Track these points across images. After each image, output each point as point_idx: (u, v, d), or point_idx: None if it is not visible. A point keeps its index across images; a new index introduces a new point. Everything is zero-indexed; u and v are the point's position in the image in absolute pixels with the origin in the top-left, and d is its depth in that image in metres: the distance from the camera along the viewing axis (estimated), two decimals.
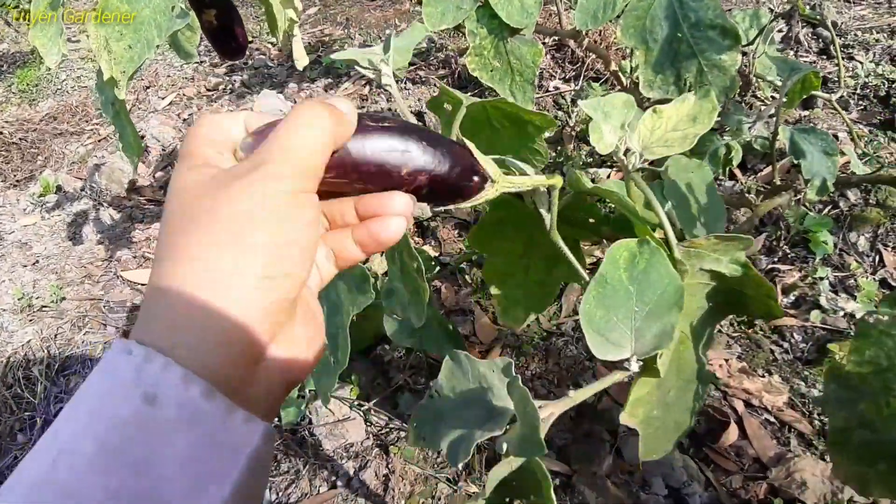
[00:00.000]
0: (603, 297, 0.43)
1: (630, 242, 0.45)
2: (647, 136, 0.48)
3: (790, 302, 1.27)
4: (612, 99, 0.49)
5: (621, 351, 0.43)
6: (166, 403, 0.24)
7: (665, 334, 0.42)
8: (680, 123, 0.48)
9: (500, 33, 0.89)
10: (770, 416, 1.08)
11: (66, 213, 1.87)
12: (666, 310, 0.42)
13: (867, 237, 1.34)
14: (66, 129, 2.40)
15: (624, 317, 0.43)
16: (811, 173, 0.92)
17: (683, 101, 0.49)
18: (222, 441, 0.25)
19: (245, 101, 2.12)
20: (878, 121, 1.58)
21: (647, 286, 0.43)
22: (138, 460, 0.23)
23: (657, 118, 0.48)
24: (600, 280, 0.44)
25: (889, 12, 1.97)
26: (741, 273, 0.48)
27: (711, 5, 0.90)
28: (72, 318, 1.42)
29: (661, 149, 0.48)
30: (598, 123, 0.47)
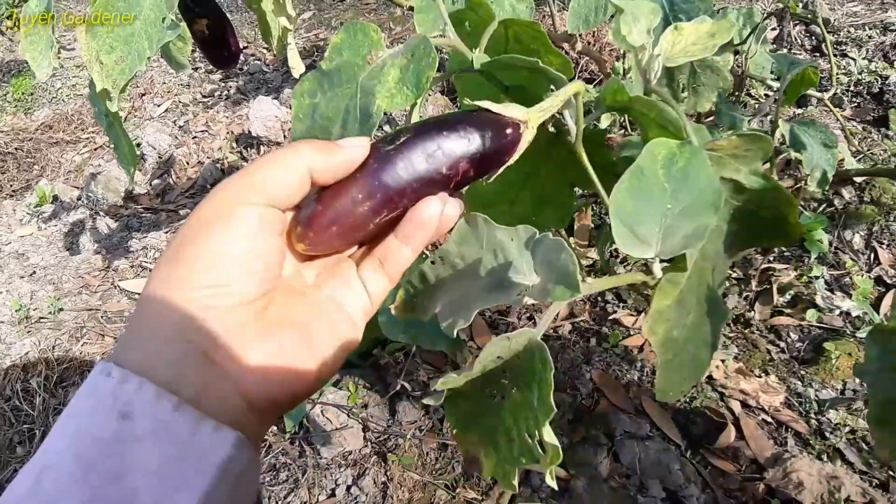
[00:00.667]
0: (637, 190, 0.41)
1: (669, 141, 0.43)
2: (669, 48, 0.50)
3: (786, 301, 1.27)
4: (639, 3, 0.50)
5: (647, 249, 0.41)
6: (140, 419, 0.26)
7: (697, 234, 0.40)
8: (699, 39, 0.50)
9: None
10: (767, 416, 1.09)
11: (62, 223, 1.87)
12: (702, 209, 0.41)
13: (862, 235, 1.34)
14: (62, 138, 2.40)
15: (655, 212, 0.41)
16: (811, 165, 0.92)
17: (702, 21, 0.50)
18: (191, 451, 0.26)
19: (241, 107, 2.12)
20: (872, 118, 1.58)
21: (683, 185, 0.42)
22: (112, 472, 0.25)
23: (678, 34, 0.50)
24: (636, 171, 0.42)
25: (881, 8, 1.97)
26: (760, 185, 0.47)
27: (702, 6, 0.90)
28: (70, 330, 1.42)
29: (681, 58, 0.50)
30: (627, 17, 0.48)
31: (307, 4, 2.68)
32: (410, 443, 1.07)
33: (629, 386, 1.13)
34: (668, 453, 1.00)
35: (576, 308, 1.21)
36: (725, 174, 0.48)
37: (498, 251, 0.38)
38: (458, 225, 0.41)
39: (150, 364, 0.28)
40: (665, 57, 0.51)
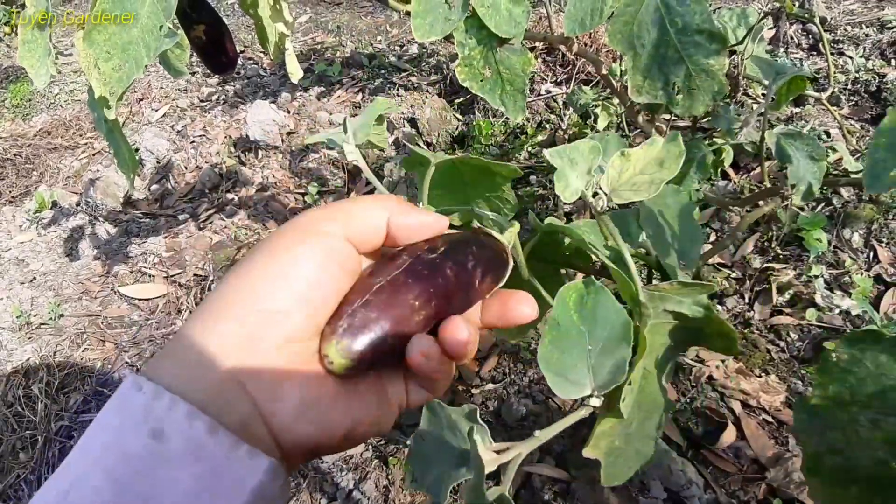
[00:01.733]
0: (557, 340, 0.44)
1: (578, 284, 0.46)
2: (616, 178, 0.49)
3: (785, 301, 1.27)
4: (578, 146, 0.50)
5: (582, 389, 0.44)
6: (173, 438, 0.25)
7: (619, 368, 0.43)
8: (647, 167, 0.49)
9: (489, 43, 0.89)
10: (768, 416, 1.09)
11: (62, 229, 1.87)
12: (616, 344, 0.44)
13: (861, 234, 1.35)
14: (61, 144, 2.40)
15: (579, 356, 0.44)
16: (797, 178, 0.92)
17: (652, 143, 0.50)
18: (225, 475, 0.26)
19: (239, 111, 2.12)
20: (870, 116, 1.59)
21: (596, 324, 0.45)
22: (145, 493, 0.24)
23: (625, 161, 0.49)
24: (552, 323, 0.45)
25: (878, 6, 1.97)
26: (703, 315, 0.50)
27: (698, 10, 0.90)
28: (70, 335, 1.42)
29: (628, 192, 0.49)
30: (563, 171, 0.48)
31: (304, 8, 2.68)
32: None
33: None
34: (669, 454, 1.00)
35: None
36: (668, 307, 0.50)
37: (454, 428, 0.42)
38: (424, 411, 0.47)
39: (184, 382, 0.27)
40: (611, 189, 0.50)
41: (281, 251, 0.29)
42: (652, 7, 0.91)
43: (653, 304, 0.49)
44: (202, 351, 0.27)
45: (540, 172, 1.52)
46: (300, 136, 1.86)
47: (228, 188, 1.84)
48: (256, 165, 1.85)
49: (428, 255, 0.33)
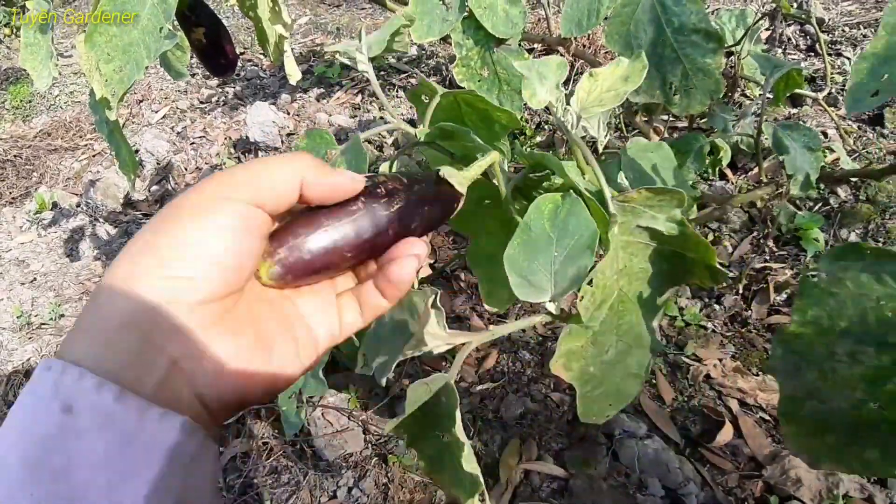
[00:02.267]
0: (526, 244, 0.45)
1: (555, 195, 0.47)
2: (585, 98, 0.51)
3: (783, 300, 1.28)
4: (546, 61, 0.52)
5: (542, 294, 0.44)
6: (82, 411, 0.25)
7: (579, 276, 0.43)
8: (614, 84, 0.51)
9: (486, 44, 0.90)
10: (765, 414, 1.09)
11: (62, 230, 1.88)
12: (581, 252, 0.44)
13: (858, 233, 1.35)
14: (61, 145, 2.41)
15: (544, 261, 0.45)
16: (794, 168, 0.93)
17: (618, 64, 0.51)
18: (137, 439, 0.26)
19: (238, 113, 2.13)
20: (867, 116, 1.59)
21: (566, 233, 0.45)
22: (59, 468, 0.25)
23: (593, 81, 0.50)
24: (524, 227, 0.46)
25: (876, 7, 1.98)
26: (678, 231, 0.49)
27: (694, 10, 0.91)
28: None
29: (595, 108, 0.51)
30: (531, 81, 0.50)
31: (303, 10, 2.69)
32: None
33: None
34: (667, 452, 1.00)
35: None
36: (642, 223, 0.50)
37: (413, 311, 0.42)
38: None
39: (95, 355, 0.27)
40: (580, 108, 0.51)
41: (186, 219, 0.29)
42: (648, 7, 0.92)
43: (623, 216, 0.49)
44: (112, 320, 0.27)
45: None
46: (299, 137, 1.87)
47: None
48: None
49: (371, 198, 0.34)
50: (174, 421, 0.27)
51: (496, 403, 1.14)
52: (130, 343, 0.27)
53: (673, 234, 0.49)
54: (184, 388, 0.28)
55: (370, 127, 1.80)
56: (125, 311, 0.27)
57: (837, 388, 0.37)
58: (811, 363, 0.38)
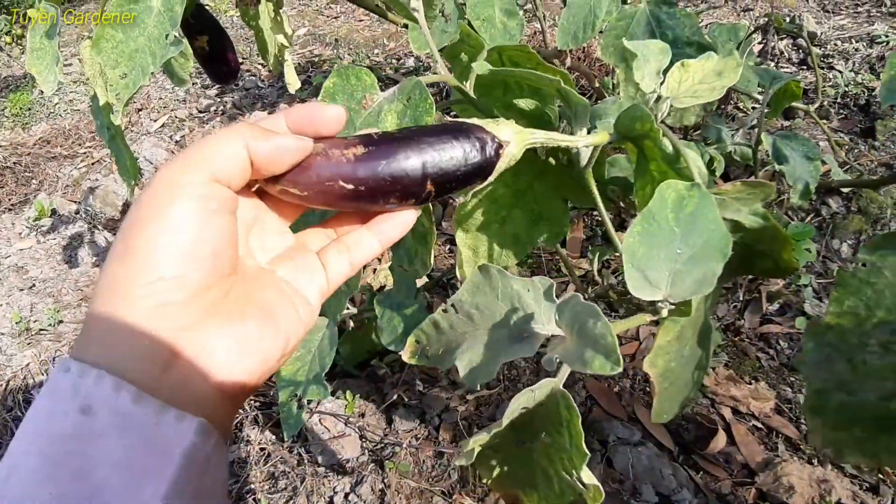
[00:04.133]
0: (648, 234, 0.42)
1: (678, 184, 0.44)
2: (676, 87, 0.50)
3: (775, 309, 1.29)
4: (649, 44, 0.52)
5: (656, 292, 0.41)
6: (100, 412, 0.26)
7: (706, 280, 0.40)
8: (707, 77, 0.51)
9: None
10: (757, 422, 1.10)
11: (61, 237, 1.88)
12: (710, 256, 0.41)
13: (850, 244, 1.37)
14: (60, 153, 2.42)
15: (665, 257, 0.41)
16: (794, 178, 0.94)
17: (708, 57, 0.51)
18: (155, 441, 0.26)
19: (237, 122, 2.14)
20: (859, 129, 1.62)
21: (692, 230, 0.42)
22: (78, 468, 0.25)
23: (684, 72, 0.50)
24: (647, 215, 0.42)
25: (868, 21, 2.01)
26: (759, 224, 0.49)
27: (688, 23, 0.93)
28: (69, 342, 1.43)
29: (688, 98, 0.51)
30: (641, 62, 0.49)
31: (302, 21, 2.72)
32: (407, 451, 1.08)
33: (621, 393, 1.14)
34: (661, 459, 1.01)
35: None
36: (727, 215, 0.49)
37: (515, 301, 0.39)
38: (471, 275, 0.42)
39: (111, 358, 0.28)
40: (673, 97, 0.51)
41: (150, 219, 0.29)
42: (643, 21, 0.94)
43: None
44: (121, 327, 0.28)
45: None
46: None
47: None
48: None
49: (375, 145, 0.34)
50: (191, 423, 0.27)
51: (492, 410, 1.14)
52: (142, 348, 0.28)
53: (754, 227, 0.49)
54: (202, 384, 0.29)
55: None
56: (127, 319, 0.28)
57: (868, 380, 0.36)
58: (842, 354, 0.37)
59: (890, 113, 1.63)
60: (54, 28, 0.94)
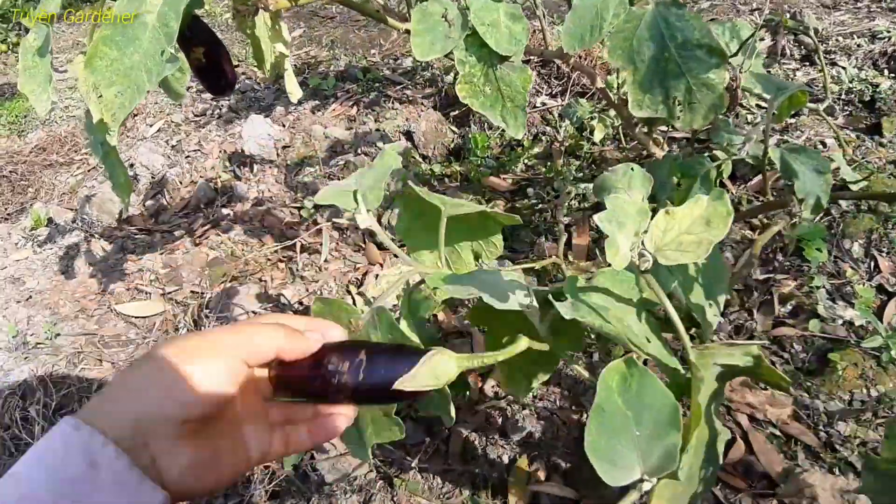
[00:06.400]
0: (603, 426, 0.45)
1: (619, 364, 0.46)
2: (660, 237, 0.48)
3: (788, 311, 1.27)
4: (625, 208, 0.49)
5: (631, 473, 0.44)
6: (103, 469, 0.35)
7: (669, 456, 0.43)
8: (693, 226, 0.48)
9: (489, 61, 0.89)
10: (775, 429, 1.08)
11: (57, 247, 1.85)
12: (665, 430, 0.44)
13: (861, 243, 1.35)
14: (56, 160, 2.39)
15: (627, 442, 0.44)
16: (804, 192, 0.92)
17: (696, 201, 0.49)
18: (139, 499, 0.36)
19: (233, 126, 2.11)
20: (864, 125, 1.59)
21: (642, 409, 0.44)
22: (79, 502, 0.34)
23: (670, 219, 0.48)
24: (597, 409, 0.45)
25: (868, 17, 1.99)
26: (753, 364, 0.51)
27: (697, 25, 0.90)
28: (67, 355, 1.40)
29: (674, 253, 0.48)
30: (613, 237, 0.47)
31: (297, 22, 2.68)
32: (416, 467, 1.06)
33: None
34: None
35: None
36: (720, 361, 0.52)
37: None
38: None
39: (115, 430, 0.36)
40: (656, 248, 0.49)
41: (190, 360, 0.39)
42: (651, 23, 0.91)
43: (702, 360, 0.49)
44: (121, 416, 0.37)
45: (537, 184, 1.52)
46: (295, 150, 1.86)
47: (224, 203, 1.83)
48: (252, 180, 1.84)
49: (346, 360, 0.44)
50: (159, 494, 0.37)
51: (502, 421, 1.12)
52: (136, 433, 0.37)
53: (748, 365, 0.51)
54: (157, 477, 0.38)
55: (367, 140, 1.79)
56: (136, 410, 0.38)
57: None
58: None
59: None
60: (46, 46, 0.90)
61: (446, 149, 1.73)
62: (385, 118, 1.82)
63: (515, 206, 1.48)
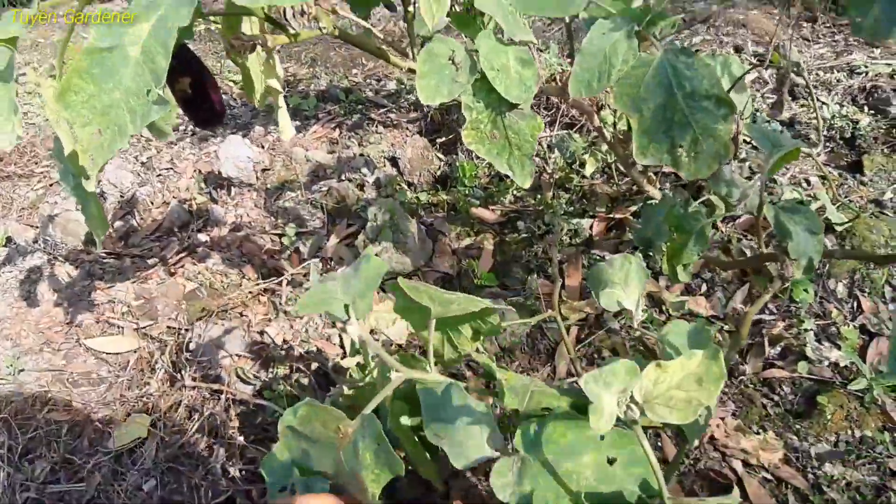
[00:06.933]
0: None
1: None
2: (650, 388, 0.47)
3: (777, 353, 1.27)
4: (615, 368, 0.48)
5: None
6: None
7: None
8: (685, 382, 0.48)
9: (497, 107, 0.87)
10: (768, 474, 1.08)
11: (18, 269, 1.75)
12: None
13: (845, 283, 1.36)
14: (14, 172, 2.28)
15: None
16: (798, 253, 0.93)
17: (690, 357, 0.47)
18: None
19: (208, 143, 2.04)
20: (846, 163, 1.62)
21: None
22: None
23: (661, 371, 0.47)
24: None
25: (846, 50, 2.03)
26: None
27: (706, 74, 0.89)
28: (33, 394, 1.32)
29: (663, 409, 0.47)
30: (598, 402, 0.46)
31: None
32: None
33: None
34: None
35: (572, 368, 1.19)
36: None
37: None
38: None
39: None
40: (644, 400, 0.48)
41: None
42: (659, 70, 0.90)
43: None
44: None
45: (527, 217, 1.50)
46: (276, 173, 1.80)
47: (199, 227, 1.76)
48: (229, 203, 1.78)
49: None
50: None
51: None
52: None
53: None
54: None
55: (350, 164, 1.75)
56: None
57: None
58: None
59: (876, 147, 1.64)
60: (10, 72, 0.83)
61: (432, 176, 1.70)
62: (369, 142, 1.78)
63: (505, 239, 1.45)
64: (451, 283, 1.40)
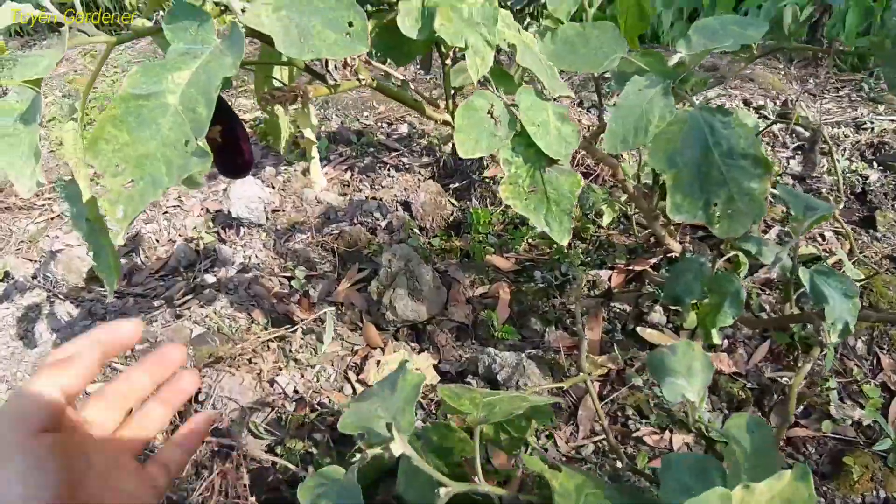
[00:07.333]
0: None
1: None
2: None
3: (799, 412, 1.25)
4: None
5: None
6: None
7: None
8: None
9: (536, 162, 0.85)
10: None
11: (15, 306, 1.71)
12: None
13: (864, 340, 1.35)
14: (14, 203, 2.25)
15: None
16: (833, 317, 0.92)
17: (779, 478, 0.46)
18: None
19: (217, 182, 2.02)
20: (858, 218, 1.63)
21: None
22: None
23: (749, 493, 0.45)
24: None
25: (851, 106, 2.07)
26: None
27: (743, 133, 0.89)
28: None
29: None
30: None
31: None
32: None
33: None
34: None
35: (596, 426, 1.15)
36: None
37: None
38: None
39: None
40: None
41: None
42: (695, 127, 0.89)
43: None
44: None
45: (543, 266, 1.48)
46: (286, 214, 1.78)
47: (206, 267, 1.73)
48: (238, 244, 1.75)
49: None
50: None
51: None
52: None
53: None
54: None
55: (363, 208, 1.73)
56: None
57: None
58: None
59: (887, 202, 1.65)
60: (34, 113, 0.79)
61: (445, 221, 1.68)
62: (381, 186, 1.77)
63: (521, 288, 1.43)
64: (467, 333, 1.37)
